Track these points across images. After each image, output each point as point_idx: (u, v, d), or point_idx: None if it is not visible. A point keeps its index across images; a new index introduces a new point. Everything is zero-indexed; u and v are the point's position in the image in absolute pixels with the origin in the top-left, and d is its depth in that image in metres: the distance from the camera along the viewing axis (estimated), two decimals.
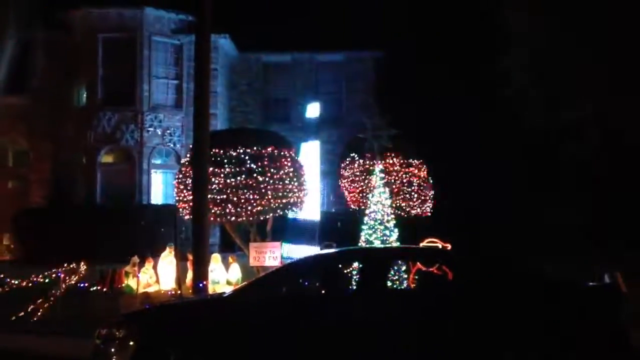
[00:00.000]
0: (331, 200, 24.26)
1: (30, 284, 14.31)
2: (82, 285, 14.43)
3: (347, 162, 20.59)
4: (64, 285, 14.26)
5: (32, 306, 13.86)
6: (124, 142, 23.14)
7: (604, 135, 18.54)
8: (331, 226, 20.37)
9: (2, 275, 14.09)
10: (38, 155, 23.89)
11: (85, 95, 23.67)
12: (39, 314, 13.58)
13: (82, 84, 23.58)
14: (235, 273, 15.97)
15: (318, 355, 6.92)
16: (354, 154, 20.40)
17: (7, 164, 25.26)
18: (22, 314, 13.51)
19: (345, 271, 8.02)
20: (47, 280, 14.40)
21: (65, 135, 23.63)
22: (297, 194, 15.26)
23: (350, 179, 20.28)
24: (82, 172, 23.37)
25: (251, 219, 15.10)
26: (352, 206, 20.27)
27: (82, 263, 19.24)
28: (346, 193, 20.52)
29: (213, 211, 14.14)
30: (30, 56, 23.71)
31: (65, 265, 15.39)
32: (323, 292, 7.63)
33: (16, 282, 14.28)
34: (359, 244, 14.15)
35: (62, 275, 14.25)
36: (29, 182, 24.06)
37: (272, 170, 14.75)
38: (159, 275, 16.04)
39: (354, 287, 7.64)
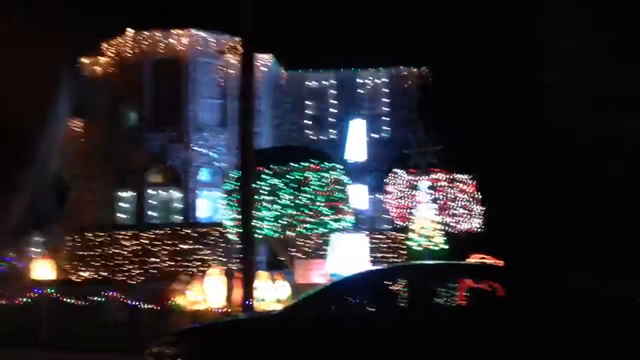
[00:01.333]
0: (377, 216, 24.13)
1: (85, 303, 14.58)
2: (132, 303, 14.63)
3: (393, 178, 20.52)
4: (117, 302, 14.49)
5: (87, 325, 14.12)
6: (171, 161, 23.49)
7: None
8: (374, 242, 20.28)
9: (55, 294, 14.39)
10: (90, 177, 24.38)
11: (134, 117, 24.15)
12: (92, 331, 13.81)
13: (131, 106, 24.07)
14: (283, 290, 16.00)
15: None
16: (399, 170, 20.34)
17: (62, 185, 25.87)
18: (75, 331, 13.76)
19: (395, 288, 7.94)
20: (101, 300, 14.65)
21: (117, 156, 24.10)
22: (342, 211, 15.24)
23: (396, 195, 20.19)
24: (132, 191, 23.78)
25: (297, 235, 15.13)
26: (398, 222, 20.16)
27: (135, 281, 19.59)
28: (391, 209, 20.42)
29: (260, 228, 14.21)
30: (82, 80, 24.33)
31: (117, 284, 15.64)
32: (373, 309, 7.58)
33: (71, 300, 14.57)
34: (408, 262, 14.04)
35: (114, 294, 14.49)
36: (81, 203, 24.55)
37: (318, 186, 14.77)
38: (207, 293, 16.17)
39: (405, 304, 7.56)
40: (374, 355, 6.86)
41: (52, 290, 14.45)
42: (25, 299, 14.75)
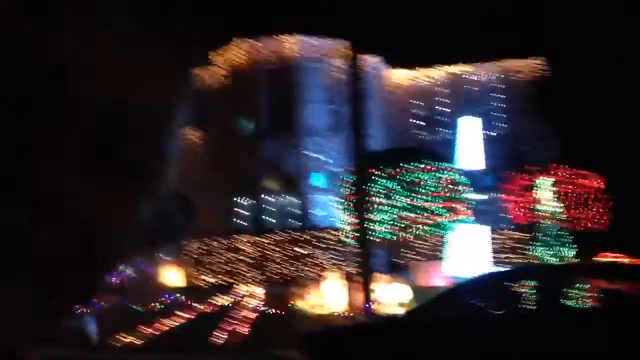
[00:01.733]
0: (498, 216, 23.54)
1: (215, 308, 15.05)
2: (257, 307, 14.99)
3: (512, 176, 19.96)
4: (241, 308, 14.90)
5: (214, 329, 14.59)
6: (286, 168, 23.91)
7: None
8: (498, 242, 19.76)
9: (186, 300, 14.98)
10: (209, 186, 25.20)
11: (248, 125, 24.78)
12: (220, 336, 14.27)
13: (245, 114, 24.71)
14: (403, 293, 15.90)
15: None
16: (518, 168, 19.76)
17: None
18: (206, 336, 14.24)
19: (521, 290, 7.73)
20: (227, 305, 15.10)
21: (233, 165, 24.81)
22: (461, 210, 14.99)
23: (516, 193, 19.61)
24: (249, 198, 24.39)
25: (415, 237, 15.02)
26: (519, 221, 19.58)
27: (257, 286, 20.07)
28: (512, 208, 19.85)
29: (376, 231, 14.22)
30: (194, 91, 25.21)
31: (241, 289, 16.07)
32: (499, 313, 7.41)
33: (199, 306, 15.10)
34: (530, 261, 13.62)
35: (240, 299, 14.90)
36: (202, 211, 25.38)
37: (433, 187, 14.61)
38: (326, 297, 16.33)
39: (533, 307, 7.33)
40: (500, 358, 6.71)
41: (180, 295, 15.06)
42: (158, 304, 15.45)
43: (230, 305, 14.96)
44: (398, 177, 14.73)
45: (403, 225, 14.66)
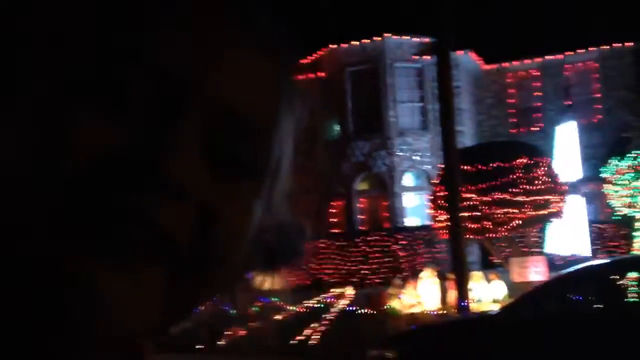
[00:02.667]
0: (595, 208, 22.68)
1: (305, 310, 15.26)
2: (350, 308, 15.07)
3: (611, 165, 19.19)
4: (333, 310, 15.02)
5: (309, 331, 14.79)
6: (376, 168, 23.92)
7: None
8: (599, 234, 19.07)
9: (280, 302, 15.24)
10: (300, 188, 25.62)
11: (337, 127, 24.98)
12: (314, 337, 14.43)
13: (334, 117, 24.92)
14: (499, 290, 15.58)
15: None
16: (619, 157, 18.97)
17: None
18: (301, 338, 14.45)
19: (623, 284, 7.41)
20: (320, 306, 15.27)
21: (325, 166, 25.08)
22: (556, 204, 14.56)
23: (616, 182, 18.83)
24: (340, 201, 24.58)
25: (510, 233, 14.71)
26: (622, 212, 18.80)
27: (350, 287, 20.20)
28: (612, 198, 19.09)
29: (469, 228, 14.01)
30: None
31: (334, 290, 16.21)
32: (599, 307, 7.12)
33: (293, 308, 15.32)
34: (633, 253, 13.05)
35: (332, 300, 15.02)
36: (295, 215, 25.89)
37: (526, 181, 14.27)
38: (421, 296, 16.23)
39: (637, 300, 7.03)
40: (601, 356, 6.43)
41: (275, 298, 15.32)
42: (253, 308, 15.78)
43: (323, 306, 15.09)
44: (491, 171, 14.48)
45: (499, 222, 14.40)
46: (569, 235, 16.40)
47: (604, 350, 6.42)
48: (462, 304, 12.15)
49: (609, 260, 9.42)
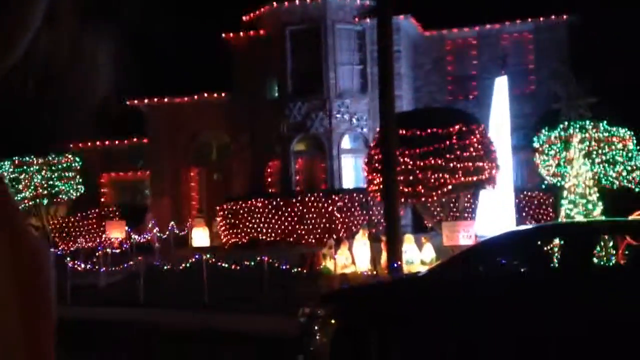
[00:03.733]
0: (525, 176, 23.39)
1: (239, 268, 15.39)
2: (284, 267, 15.26)
3: (541, 135, 19.76)
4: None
5: (242, 289, 14.92)
6: (314, 129, 23.96)
7: None
8: (522, 203, 19.73)
9: (214, 260, 15.29)
10: (238, 147, 25.45)
11: (276, 87, 24.84)
12: (247, 295, 14.58)
13: (273, 77, 24.75)
14: (429, 253, 16.03)
15: (518, 337, 6.79)
16: (547, 127, 19.54)
17: (212, 157, 27.28)
18: (234, 295, 14.57)
19: (546, 248, 7.74)
20: (252, 264, 15.40)
21: (261, 127, 24.96)
22: (488, 171, 14.96)
23: (545, 152, 19.44)
24: (277, 161, 24.58)
25: (442, 198, 15.05)
26: (548, 181, 19.46)
27: (282, 246, 20.38)
28: (541, 168, 19.72)
29: (403, 192, 14.28)
30: (228, 54, 25.34)
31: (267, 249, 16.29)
32: (522, 270, 7.45)
33: (226, 265, 15.41)
34: (559, 220, 13.57)
35: (266, 259, 15.16)
36: (231, 173, 25.73)
37: (461, 148, 14.59)
38: (354, 257, 16.54)
39: (556, 266, 7.35)
40: (522, 316, 6.75)
41: (210, 256, 15.35)
42: (186, 264, 15.80)
43: (256, 265, 15.22)
44: (427, 137, 14.73)
45: (431, 186, 14.70)
46: (499, 201, 16.89)
47: (522, 311, 6.73)
48: (394, 265, 12.44)
49: (531, 227, 9.82)
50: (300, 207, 21.28)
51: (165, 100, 26.31)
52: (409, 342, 7.01)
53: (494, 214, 16.14)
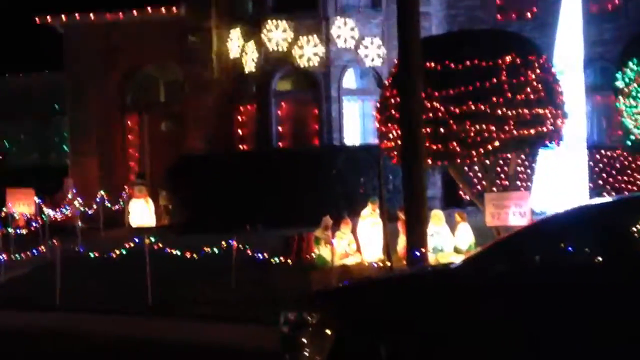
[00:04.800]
0: (604, 128, 23.40)
1: (196, 257, 15.40)
2: (260, 256, 15.29)
3: (627, 71, 19.72)
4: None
5: (201, 287, 14.96)
6: (305, 62, 23.86)
7: None
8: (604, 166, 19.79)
9: (159, 244, 15.32)
10: (194, 85, 25.30)
11: (250, 0, 24.64)
12: (209, 294, 14.62)
13: None
14: (465, 237, 16.05)
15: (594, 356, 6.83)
16: (637, 59, 19.50)
17: (159, 99, 27.08)
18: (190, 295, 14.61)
19: (632, 229, 7.71)
20: (216, 251, 15.42)
21: (228, 56, 24.79)
22: (551, 121, 14.96)
23: (633, 95, 19.42)
24: (252, 104, 24.48)
25: (486, 159, 15.06)
26: (636, 135, 19.50)
27: (259, 227, 20.39)
28: (626, 116, 19.73)
29: (430, 151, 14.28)
30: None
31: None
32: (596, 263, 7.43)
33: (178, 252, 15.44)
34: None
35: (235, 245, 15.17)
36: (185, 122, 25.62)
37: (513, 88, 14.55)
38: (359, 242, 16.55)
39: None
40: (605, 333, 6.77)
41: (155, 240, 15.38)
42: (121, 251, 15.81)
43: (221, 252, 15.26)
44: (464, 72, 14.69)
45: (469, 142, 14.70)
46: (567, 165, 16.92)
47: (601, 322, 6.72)
48: (415, 253, 12.46)
49: (613, 199, 9.79)
50: (285, 171, 21.25)
51: (92, 17, 26.07)
52: None
53: (559, 181, 16.17)
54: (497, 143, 14.55)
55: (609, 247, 7.47)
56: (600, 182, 20.10)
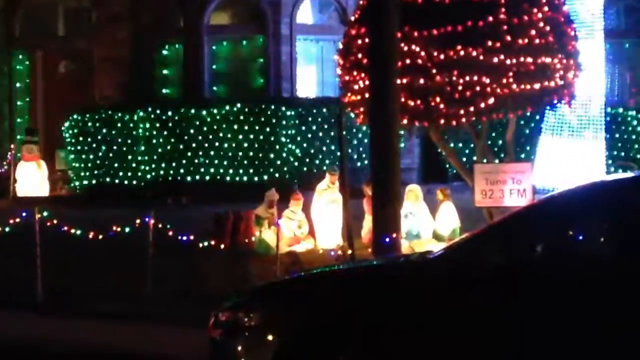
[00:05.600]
0: (627, 84, 23.65)
1: (102, 237, 15.36)
2: (184, 239, 15.27)
3: None
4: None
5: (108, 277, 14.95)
6: None
7: None
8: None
9: (67, 227, 15.29)
10: (104, 15, 25.14)
11: None
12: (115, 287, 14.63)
13: None
14: (448, 219, 16.14)
15: None
16: None
17: (57, 32, 26.77)
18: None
19: None
20: (127, 230, 15.38)
21: None
22: (561, 73, 15.07)
23: None
24: (179, 42, 24.39)
25: (478, 120, 15.15)
26: None
27: (184, 200, 20.37)
28: None
29: (407, 108, 14.33)
30: None
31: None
32: (618, 250, 7.51)
33: (78, 232, 15.39)
34: None
35: (152, 223, 15.14)
36: (92, 62, 25.45)
37: (514, 30, 14.64)
38: (313, 223, 16.59)
39: None
40: (610, 339, 6.87)
41: (47, 214, 15.31)
42: (3, 229, 15.73)
43: (133, 232, 15.25)
44: (452, 6, 14.73)
45: (457, 98, 14.77)
46: (577, 130, 17.06)
47: (628, 325, 6.81)
48: (384, 239, 12.53)
49: (636, 174, 9.92)
50: (218, 130, 21.22)
51: None
52: None
53: (569, 151, 16.31)
54: (491, 100, 14.61)
55: (631, 233, 7.55)
56: (623, 152, 20.30)
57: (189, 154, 21.09)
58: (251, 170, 20.47)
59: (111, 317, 13.46)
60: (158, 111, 22.03)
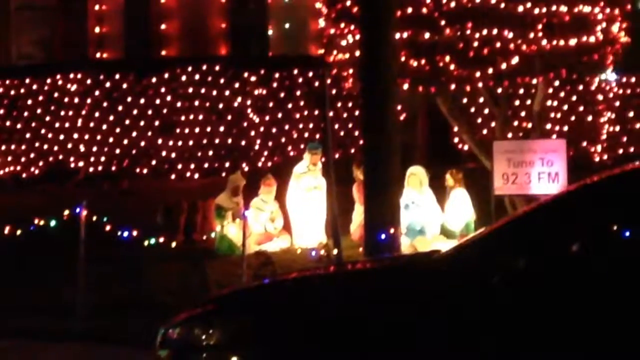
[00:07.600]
0: None
1: (20, 232, 15.35)
2: (124, 234, 15.26)
3: None
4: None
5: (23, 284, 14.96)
6: None
7: None
8: None
9: None
10: None
11: None
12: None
13: None
14: (460, 210, 16.20)
15: None
16: None
17: None
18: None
19: None
20: (52, 224, 15.37)
21: None
22: (603, 26, 15.16)
23: None
24: None
25: (497, 85, 15.24)
26: None
27: (124, 185, 20.48)
28: None
29: (407, 68, 14.39)
30: None
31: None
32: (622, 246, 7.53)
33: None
34: None
35: (84, 214, 15.12)
36: (8, 14, 25.61)
37: None
38: (289, 215, 16.65)
39: None
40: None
41: None
42: None
43: (62, 225, 15.24)
44: None
45: (471, 57, 14.89)
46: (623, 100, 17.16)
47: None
48: (379, 236, 12.57)
49: None
50: (171, 96, 21.39)
51: None
52: None
53: (612, 126, 16.37)
54: (515, 60, 14.69)
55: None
56: None
57: (136, 129, 21.27)
58: (213, 149, 20.60)
59: (30, 335, 13.42)
60: (92, 75, 22.25)
